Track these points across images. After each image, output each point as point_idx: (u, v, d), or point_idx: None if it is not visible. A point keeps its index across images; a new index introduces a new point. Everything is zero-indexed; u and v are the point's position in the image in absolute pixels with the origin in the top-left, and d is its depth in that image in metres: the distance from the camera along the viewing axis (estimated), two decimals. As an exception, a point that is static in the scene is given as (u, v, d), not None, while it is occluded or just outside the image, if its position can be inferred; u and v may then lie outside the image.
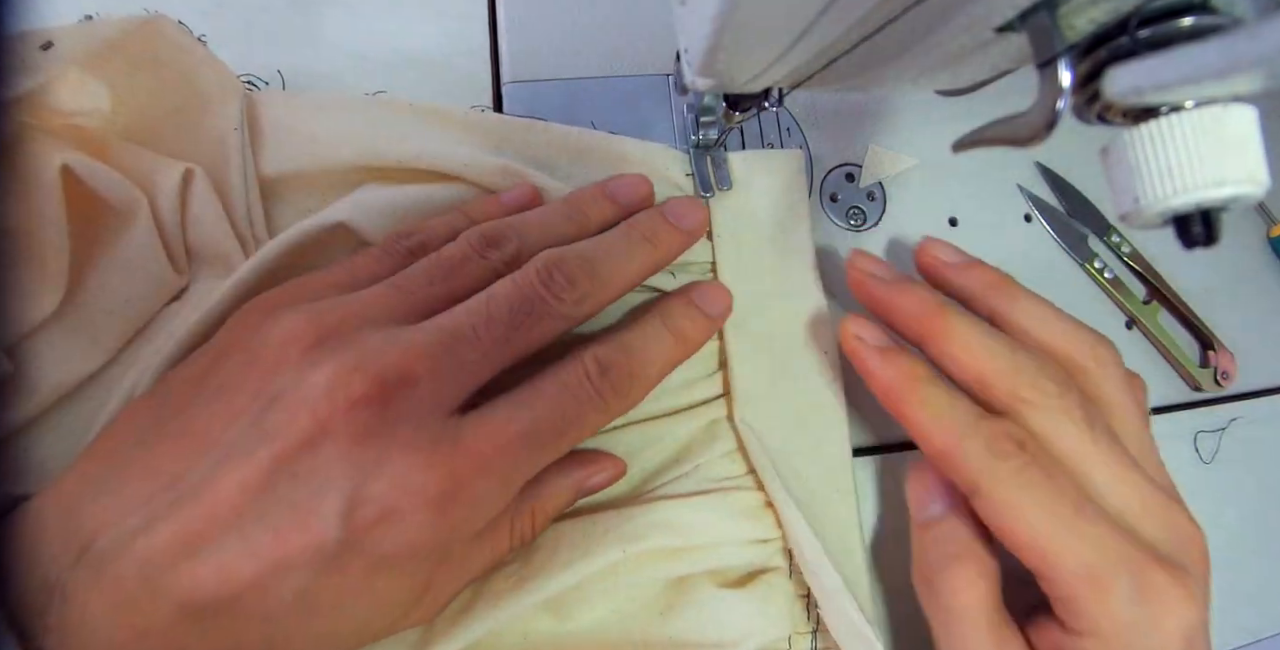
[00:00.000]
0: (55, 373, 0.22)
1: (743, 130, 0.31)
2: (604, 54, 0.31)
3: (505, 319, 0.20)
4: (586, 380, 0.21)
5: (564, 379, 0.21)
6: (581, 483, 0.24)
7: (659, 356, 0.23)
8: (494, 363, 0.20)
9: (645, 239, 0.24)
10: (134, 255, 0.23)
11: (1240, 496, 0.33)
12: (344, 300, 0.20)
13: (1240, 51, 0.11)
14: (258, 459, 0.17)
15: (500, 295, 0.20)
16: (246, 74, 0.28)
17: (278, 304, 0.20)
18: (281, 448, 0.17)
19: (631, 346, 0.23)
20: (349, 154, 0.25)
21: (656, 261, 0.24)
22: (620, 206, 0.25)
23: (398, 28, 0.31)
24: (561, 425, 0.20)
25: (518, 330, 0.20)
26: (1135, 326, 0.34)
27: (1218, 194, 0.13)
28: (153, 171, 0.24)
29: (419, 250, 0.22)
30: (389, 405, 0.18)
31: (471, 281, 0.21)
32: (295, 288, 0.21)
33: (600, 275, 0.22)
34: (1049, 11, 0.14)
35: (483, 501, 0.19)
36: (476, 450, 0.19)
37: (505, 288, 0.21)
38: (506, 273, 0.21)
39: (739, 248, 0.28)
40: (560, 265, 0.21)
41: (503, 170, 0.25)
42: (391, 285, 0.21)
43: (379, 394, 0.18)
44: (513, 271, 0.21)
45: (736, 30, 0.16)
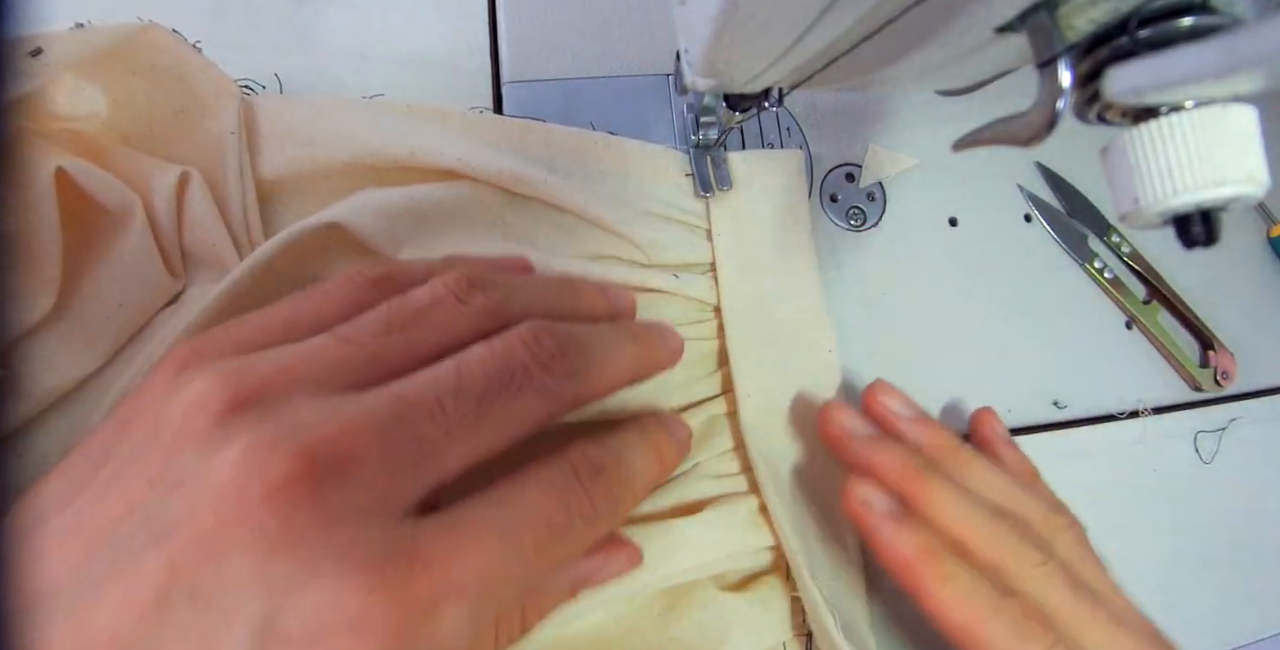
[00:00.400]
0: (50, 377, 0.22)
1: (743, 130, 0.31)
2: (604, 54, 0.31)
3: (479, 390, 0.16)
4: (576, 482, 0.17)
5: (549, 478, 0.17)
6: (588, 578, 0.20)
7: (644, 471, 0.19)
8: (461, 449, 0.15)
9: (634, 338, 0.20)
10: (129, 259, 0.23)
11: (1240, 496, 0.33)
12: (271, 354, 0.16)
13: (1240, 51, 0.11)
14: (148, 571, 0.13)
15: (474, 359, 0.16)
16: (243, 78, 0.28)
17: (195, 357, 0.16)
18: (177, 554, 0.13)
19: (620, 452, 0.19)
20: (346, 155, 0.25)
21: (641, 367, 0.20)
22: (611, 306, 0.22)
23: (398, 28, 0.31)
24: (547, 538, 0.16)
25: (493, 407, 0.16)
26: (1135, 326, 0.34)
27: (1218, 194, 0.13)
28: (149, 175, 0.24)
29: (383, 283, 0.18)
30: (320, 497, 0.13)
31: (440, 334, 0.17)
32: (220, 335, 0.17)
33: (593, 358, 0.18)
34: (1049, 11, 0.14)
35: (445, 637, 0.14)
36: (438, 569, 0.14)
37: (481, 351, 0.17)
38: (484, 330, 0.18)
39: (739, 247, 0.28)
40: (551, 332, 0.18)
41: (500, 165, 0.25)
42: (337, 335, 0.16)
43: (307, 481, 0.13)
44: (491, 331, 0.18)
45: (736, 30, 0.16)
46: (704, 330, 0.27)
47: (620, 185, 0.27)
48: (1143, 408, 0.32)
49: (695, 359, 0.26)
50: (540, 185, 0.25)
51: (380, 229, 0.23)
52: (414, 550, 0.14)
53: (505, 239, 0.25)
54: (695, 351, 0.26)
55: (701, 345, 0.27)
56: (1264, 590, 0.32)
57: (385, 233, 0.23)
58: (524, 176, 0.25)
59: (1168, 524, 0.31)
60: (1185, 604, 0.31)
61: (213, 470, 0.13)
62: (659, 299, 0.27)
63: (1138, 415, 0.32)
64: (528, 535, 0.16)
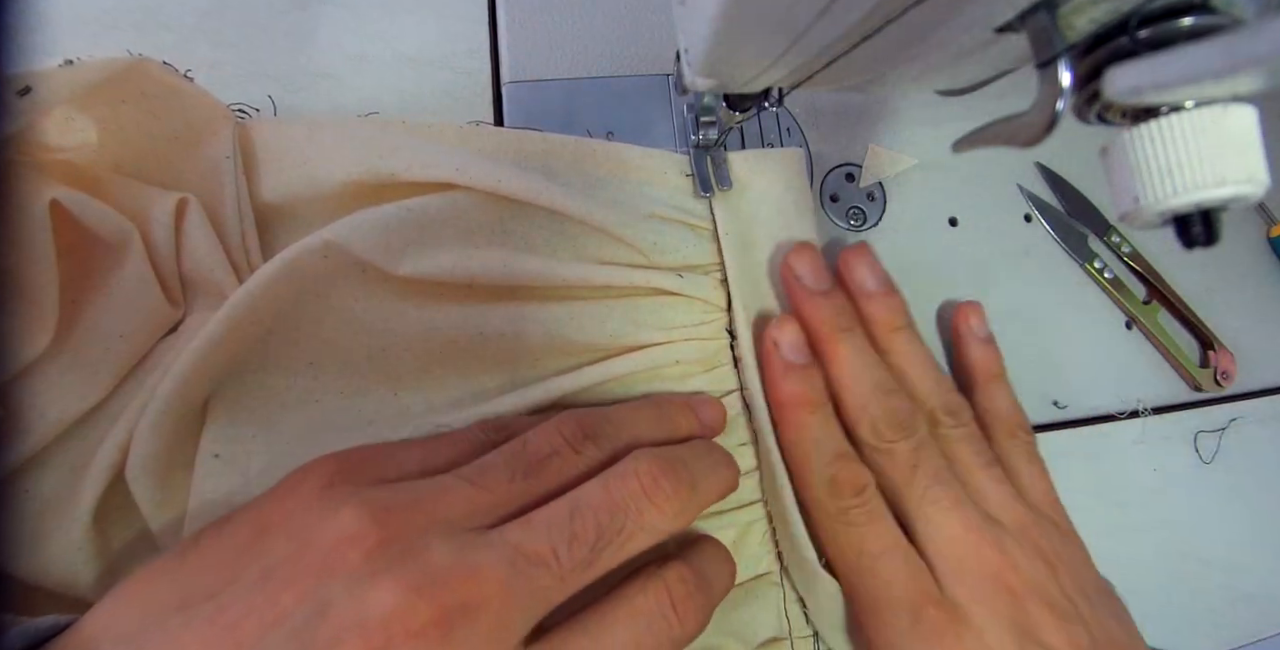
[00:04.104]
0: (52, 410, 0.22)
1: (743, 130, 0.31)
2: (604, 54, 0.31)
3: (591, 539, 0.18)
4: (670, 609, 0.19)
5: (643, 607, 0.19)
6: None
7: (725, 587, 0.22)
8: (569, 588, 0.18)
9: (727, 464, 0.23)
10: (128, 289, 0.23)
11: (1240, 496, 0.33)
12: (413, 495, 0.18)
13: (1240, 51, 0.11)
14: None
15: (588, 506, 0.18)
16: (236, 103, 0.28)
17: (339, 480, 0.18)
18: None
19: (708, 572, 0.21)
20: (343, 172, 0.25)
21: (726, 492, 0.23)
22: (702, 425, 0.24)
23: (398, 28, 0.31)
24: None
25: (603, 552, 0.18)
26: (1135, 326, 0.34)
27: (1218, 194, 0.13)
28: (146, 203, 0.24)
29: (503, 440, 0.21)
30: (450, 635, 0.16)
31: (558, 481, 0.19)
32: (361, 460, 0.19)
33: (699, 490, 0.20)
34: (1049, 11, 0.14)
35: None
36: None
37: (596, 496, 0.19)
38: (596, 470, 0.20)
39: (744, 248, 0.28)
40: (669, 470, 0.20)
41: (498, 175, 0.25)
42: (467, 480, 0.18)
43: (442, 621, 0.16)
44: (600, 468, 0.20)
45: (736, 30, 0.16)
46: (707, 331, 0.27)
47: (620, 189, 0.27)
48: (1143, 408, 0.32)
49: (697, 357, 0.26)
50: (540, 193, 0.25)
51: (379, 245, 0.23)
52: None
53: (505, 247, 0.25)
54: (698, 350, 0.26)
55: (705, 345, 0.27)
56: (1264, 590, 0.32)
57: (384, 248, 0.23)
58: (523, 185, 0.25)
59: (1168, 524, 0.31)
60: (1185, 604, 0.31)
61: (364, 606, 0.16)
62: (665, 301, 0.27)
63: (1138, 415, 0.32)
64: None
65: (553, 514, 0.18)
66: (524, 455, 0.19)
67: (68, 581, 0.21)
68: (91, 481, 0.21)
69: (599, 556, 0.18)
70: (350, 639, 0.15)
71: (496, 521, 0.18)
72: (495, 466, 0.19)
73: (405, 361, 0.25)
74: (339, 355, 0.24)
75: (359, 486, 0.18)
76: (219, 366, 0.22)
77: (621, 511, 0.19)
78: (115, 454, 0.21)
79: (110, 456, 0.21)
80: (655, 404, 0.24)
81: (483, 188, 0.25)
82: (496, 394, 0.25)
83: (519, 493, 0.19)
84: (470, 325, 0.25)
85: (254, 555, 0.17)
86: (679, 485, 0.20)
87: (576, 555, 0.18)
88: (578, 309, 0.26)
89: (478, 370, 0.26)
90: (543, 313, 0.25)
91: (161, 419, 0.21)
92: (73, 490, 0.21)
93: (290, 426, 0.23)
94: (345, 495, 0.17)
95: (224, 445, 0.23)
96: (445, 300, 0.25)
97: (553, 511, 0.18)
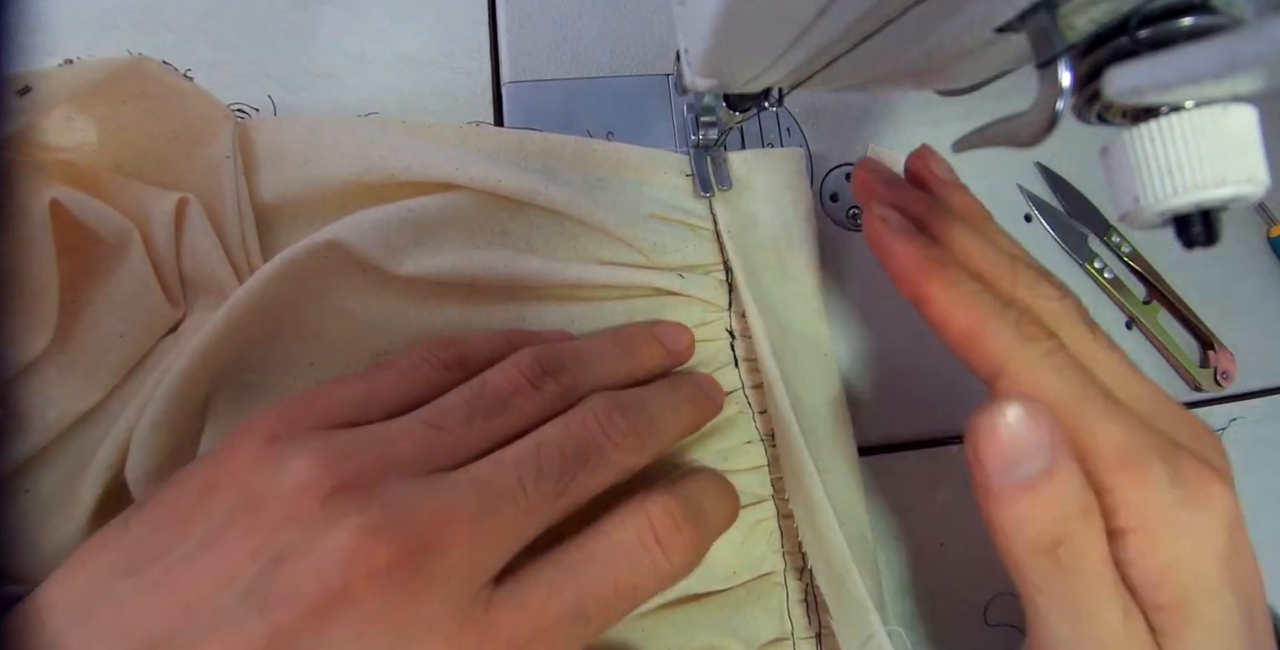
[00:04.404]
0: (52, 411, 0.22)
1: (743, 130, 0.31)
2: (604, 54, 0.31)
3: (557, 472, 0.17)
4: (652, 540, 0.18)
5: (622, 540, 0.18)
6: None
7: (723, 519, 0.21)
8: (539, 523, 0.17)
9: (689, 399, 0.22)
10: (128, 289, 0.23)
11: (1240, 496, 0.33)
12: (366, 439, 0.17)
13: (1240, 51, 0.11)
14: (251, 633, 0.14)
15: (552, 441, 0.18)
16: (236, 103, 0.28)
17: (282, 430, 0.17)
18: (282, 621, 0.14)
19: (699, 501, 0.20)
20: (343, 172, 0.25)
21: (693, 425, 0.22)
22: (669, 353, 0.23)
23: (398, 28, 0.31)
24: (612, 598, 0.17)
25: (570, 484, 0.18)
26: (1135, 326, 0.34)
27: (1218, 194, 0.13)
28: (146, 203, 0.24)
29: (455, 365, 0.20)
30: (415, 575, 0.15)
31: (518, 420, 0.19)
32: (303, 405, 0.18)
33: (657, 427, 0.20)
34: (1049, 11, 0.14)
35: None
36: (510, 633, 0.16)
37: (558, 432, 0.18)
38: (557, 409, 0.19)
39: (744, 248, 0.28)
40: (625, 410, 0.19)
41: (499, 175, 0.25)
42: (424, 422, 0.18)
43: (406, 561, 0.15)
44: (562, 408, 0.19)
45: (736, 30, 0.16)
46: (708, 331, 0.27)
47: (620, 190, 0.27)
48: (1143, 408, 0.32)
49: (699, 358, 0.26)
50: (540, 193, 0.25)
51: (379, 244, 0.23)
52: (486, 619, 0.16)
53: (505, 247, 0.25)
54: (700, 351, 0.26)
55: (708, 346, 0.27)
56: (1264, 590, 0.32)
57: (384, 248, 0.23)
58: (523, 185, 0.25)
59: (1168, 524, 0.31)
60: (1185, 604, 0.31)
61: (321, 549, 0.15)
62: (665, 301, 0.27)
63: (1138, 415, 0.32)
64: (591, 599, 0.17)
65: (518, 451, 0.18)
66: (483, 395, 0.19)
67: None
68: (91, 481, 0.21)
69: (566, 489, 0.18)
70: (307, 584, 0.14)
71: (458, 463, 0.17)
72: (453, 407, 0.18)
73: None
74: (340, 355, 0.24)
75: (306, 435, 0.17)
76: (219, 366, 0.22)
77: (585, 446, 0.18)
78: (115, 454, 0.21)
79: (110, 456, 0.21)
80: (617, 335, 0.23)
81: (483, 188, 0.25)
82: None
83: (479, 434, 0.18)
84: (471, 326, 0.25)
85: (201, 515, 0.16)
86: (636, 422, 0.19)
87: (544, 488, 0.17)
88: (578, 309, 0.26)
89: (478, 370, 0.26)
90: (543, 313, 0.25)
91: (161, 419, 0.21)
92: (72, 490, 0.21)
93: None
94: (293, 445, 0.16)
95: None
96: (446, 300, 0.25)
97: (516, 449, 0.18)
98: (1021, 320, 0.20)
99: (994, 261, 0.21)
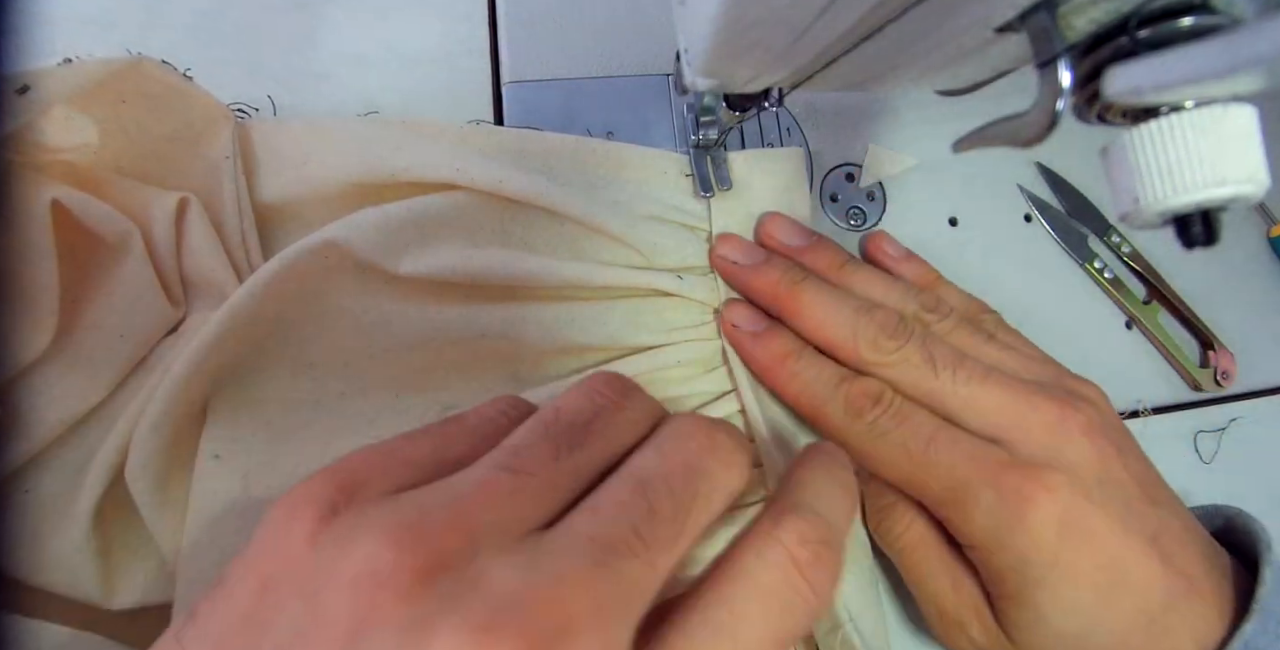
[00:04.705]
0: (53, 410, 0.22)
1: (743, 130, 0.31)
2: (604, 54, 0.31)
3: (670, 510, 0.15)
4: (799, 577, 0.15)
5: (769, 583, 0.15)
6: None
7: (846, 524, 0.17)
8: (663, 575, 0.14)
9: None
10: (129, 289, 0.23)
11: (1240, 496, 0.33)
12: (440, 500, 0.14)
13: (1240, 51, 0.11)
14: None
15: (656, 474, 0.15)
16: (236, 103, 0.28)
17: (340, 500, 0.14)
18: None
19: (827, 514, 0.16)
20: (343, 172, 0.25)
21: None
22: None
23: (398, 28, 0.31)
24: None
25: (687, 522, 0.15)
26: (1135, 326, 0.34)
27: (1218, 194, 0.13)
28: (147, 203, 0.24)
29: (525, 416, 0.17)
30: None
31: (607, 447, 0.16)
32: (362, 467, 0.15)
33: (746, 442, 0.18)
34: (1049, 11, 0.14)
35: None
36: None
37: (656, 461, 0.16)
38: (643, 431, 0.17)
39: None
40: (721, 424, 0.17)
41: (499, 175, 0.25)
42: (503, 468, 0.15)
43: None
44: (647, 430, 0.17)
45: (736, 30, 0.16)
46: (706, 332, 0.27)
47: (620, 190, 0.27)
48: (1143, 408, 0.32)
49: (697, 358, 0.26)
50: (540, 194, 0.25)
51: (379, 244, 0.23)
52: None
53: (505, 248, 0.25)
54: (698, 352, 0.26)
55: (704, 346, 0.27)
56: (1264, 590, 0.32)
57: (384, 247, 0.23)
58: (523, 185, 0.25)
59: (1168, 524, 0.31)
60: (1185, 604, 0.31)
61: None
62: (664, 302, 0.27)
63: (1138, 415, 0.32)
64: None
65: (618, 492, 0.15)
66: (561, 423, 0.16)
67: (68, 582, 0.21)
68: (91, 482, 0.21)
69: (684, 528, 0.15)
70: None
71: (551, 513, 0.14)
72: (531, 444, 0.15)
73: (406, 362, 0.25)
74: (340, 356, 0.24)
75: (367, 504, 0.14)
76: (219, 367, 0.22)
77: (693, 473, 0.15)
78: (115, 454, 0.21)
79: (110, 457, 0.21)
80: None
81: (483, 188, 0.25)
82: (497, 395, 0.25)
83: (569, 470, 0.15)
84: (471, 326, 0.25)
85: (260, 626, 0.13)
86: (734, 434, 0.17)
87: (661, 533, 0.14)
88: (577, 310, 0.26)
89: (478, 371, 0.26)
90: (543, 313, 0.25)
91: (162, 419, 0.21)
92: (73, 491, 0.21)
93: (291, 427, 0.23)
94: (354, 520, 0.13)
95: (224, 446, 0.23)
96: (446, 301, 0.25)
97: (617, 490, 0.15)
98: (850, 397, 0.23)
99: (838, 327, 0.24)
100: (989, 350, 0.25)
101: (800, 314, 0.25)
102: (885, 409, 0.23)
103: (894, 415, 0.23)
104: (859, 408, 0.23)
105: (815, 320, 0.25)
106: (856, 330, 0.24)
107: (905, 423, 0.23)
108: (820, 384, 0.24)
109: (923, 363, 0.23)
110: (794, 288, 0.25)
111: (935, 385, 0.23)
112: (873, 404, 0.23)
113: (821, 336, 0.25)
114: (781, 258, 0.27)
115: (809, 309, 0.25)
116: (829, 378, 0.24)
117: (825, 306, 0.25)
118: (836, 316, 0.24)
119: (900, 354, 0.24)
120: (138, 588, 0.22)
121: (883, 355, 0.24)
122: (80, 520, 0.21)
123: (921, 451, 0.22)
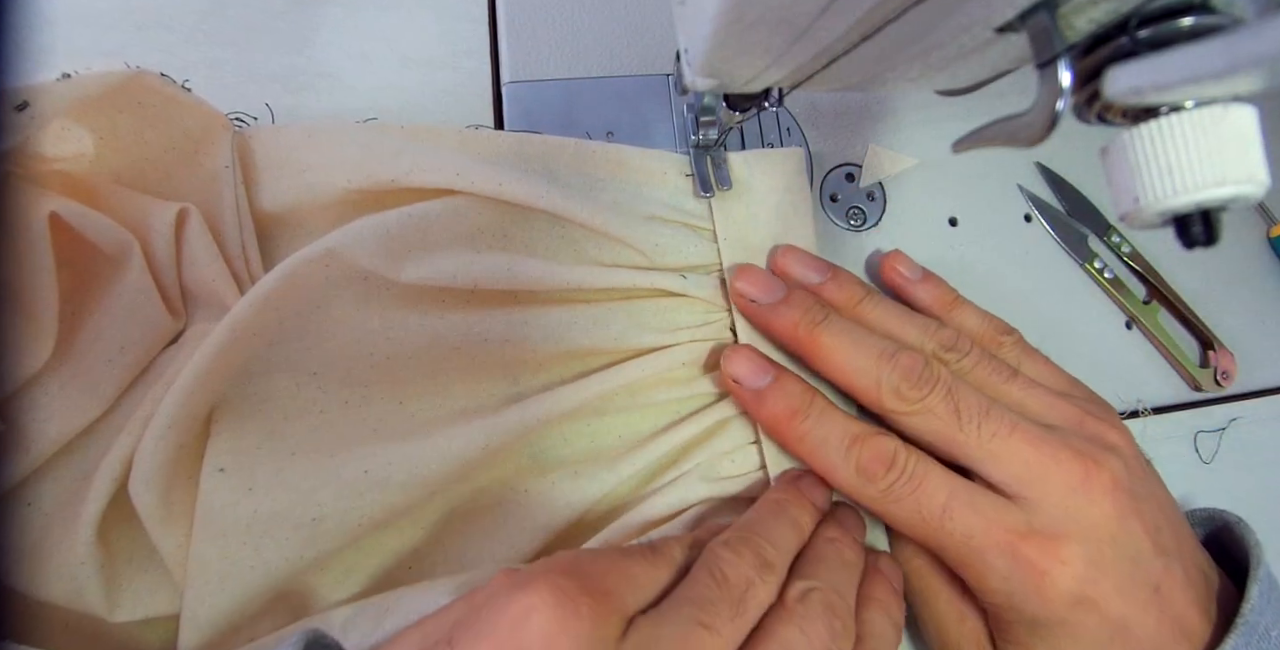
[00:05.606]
0: (54, 424, 0.21)
1: (743, 130, 0.31)
2: (604, 54, 0.31)
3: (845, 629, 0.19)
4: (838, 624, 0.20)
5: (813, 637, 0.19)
6: None
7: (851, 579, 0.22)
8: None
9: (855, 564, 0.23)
10: (129, 301, 0.23)
11: (1240, 496, 0.33)
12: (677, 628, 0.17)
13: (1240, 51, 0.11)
14: None
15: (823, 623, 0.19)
16: (234, 112, 0.28)
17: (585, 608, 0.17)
18: None
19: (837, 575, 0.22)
20: (342, 178, 0.25)
21: None
22: (817, 509, 0.24)
23: (398, 28, 0.31)
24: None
25: None
26: (1135, 326, 0.34)
27: (1218, 194, 0.13)
28: (146, 213, 0.24)
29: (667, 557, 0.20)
30: None
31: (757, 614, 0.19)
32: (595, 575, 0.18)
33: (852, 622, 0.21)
34: (1049, 11, 0.14)
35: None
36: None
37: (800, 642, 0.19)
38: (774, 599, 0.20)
39: (745, 248, 0.28)
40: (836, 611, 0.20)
41: (499, 179, 0.25)
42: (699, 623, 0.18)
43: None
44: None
45: (737, 30, 0.16)
46: (711, 331, 0.27)
47: (620, 191, 0.27)
48: (1143, 408, 0.32)
49: (696, 358, 0.26)
50: (541, 197, 0.25)
51: (380, 252, 0.23)
52: None
53: (506, 252, 0.25)
54: (699, 351, 0.26)
55: (707, 346, 0.27)
56: (1264, 590, 0.32)
57: (386, 255, 0.23)
58: (523, 189, 0.25)
59: (1168, 524, 0.31)
60: (1185, 604, 0.31)
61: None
62: (668, 302, 0.27)
63: (1138, 415, 0.32)
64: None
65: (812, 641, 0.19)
66: (731, 589, 0.19)
67: (71, 595, 0.21)
68: (94, 495, 0.21)
69: None
70: None
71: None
72: (715, 603, 0.18)
73: (409, 369, 0.25)
74: (343, 364, 0.24)
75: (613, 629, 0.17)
76: (222, 378, 0.22)
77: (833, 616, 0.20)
78: (118, 467, 0.21)
79: (113, 470, 0.21)
80: (778, 508, 0.23)
81: (483, 192, 0.25)
82: (502, 401, 0.25)
83: (736, 632, 0.18)
84: (473, 331, 0.25)
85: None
86: (848, 623, 0.20)
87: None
88: (581, 312, 0.26)
89: (482, 376, 0.26)
90: (546, 317, 0.25)
91: (165, 432, 0.21)
92: (75, 504, 0.21)
93: (295, 437, 0.23)
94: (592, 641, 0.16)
95: (229, 458, 0.22)
96: (448, 307, 0.25)
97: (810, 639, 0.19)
98: (863, 462, 0.23)
99: (861, 374, 0.24)
100: (1011, 390, 0.24)
101: (821, 358, 0.25)
102: (900, 474, 0.23)
103: (908, 480, 0.23)
104: (872, 473, 0.23)
105: (836, 365, 0.24)
106: (880, 379, 0.24)
107: (919, 488, 0.22)
108: (830, 448, 0.24)
109: (947, 414, 0.23)
110: (814, 330, 0.25)
111: (960, 438, 0.23)
112: (885, 469, 0.23)
113: (844, 382, 0.24)
114: (800, 294, 0.26)
115: (830, 353, 0.24)
116: (838, 440, 0.24)
117: (846, 351, 0.24)
118: (859, 361, 0.24)
119: (924, 404, 0.23)
120: (141, 601, 0.22)
121: (906, 405, 0.23)
122: (83, 533, 0.21)
123: (937, 519, 0.22)
